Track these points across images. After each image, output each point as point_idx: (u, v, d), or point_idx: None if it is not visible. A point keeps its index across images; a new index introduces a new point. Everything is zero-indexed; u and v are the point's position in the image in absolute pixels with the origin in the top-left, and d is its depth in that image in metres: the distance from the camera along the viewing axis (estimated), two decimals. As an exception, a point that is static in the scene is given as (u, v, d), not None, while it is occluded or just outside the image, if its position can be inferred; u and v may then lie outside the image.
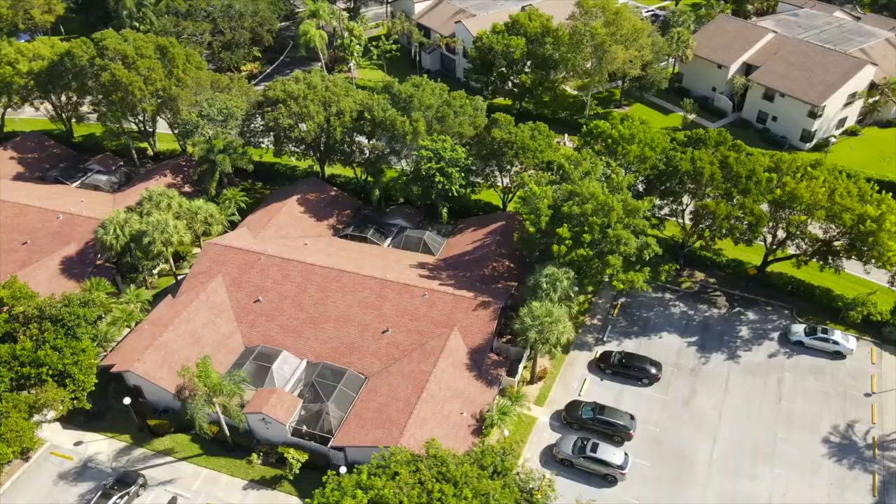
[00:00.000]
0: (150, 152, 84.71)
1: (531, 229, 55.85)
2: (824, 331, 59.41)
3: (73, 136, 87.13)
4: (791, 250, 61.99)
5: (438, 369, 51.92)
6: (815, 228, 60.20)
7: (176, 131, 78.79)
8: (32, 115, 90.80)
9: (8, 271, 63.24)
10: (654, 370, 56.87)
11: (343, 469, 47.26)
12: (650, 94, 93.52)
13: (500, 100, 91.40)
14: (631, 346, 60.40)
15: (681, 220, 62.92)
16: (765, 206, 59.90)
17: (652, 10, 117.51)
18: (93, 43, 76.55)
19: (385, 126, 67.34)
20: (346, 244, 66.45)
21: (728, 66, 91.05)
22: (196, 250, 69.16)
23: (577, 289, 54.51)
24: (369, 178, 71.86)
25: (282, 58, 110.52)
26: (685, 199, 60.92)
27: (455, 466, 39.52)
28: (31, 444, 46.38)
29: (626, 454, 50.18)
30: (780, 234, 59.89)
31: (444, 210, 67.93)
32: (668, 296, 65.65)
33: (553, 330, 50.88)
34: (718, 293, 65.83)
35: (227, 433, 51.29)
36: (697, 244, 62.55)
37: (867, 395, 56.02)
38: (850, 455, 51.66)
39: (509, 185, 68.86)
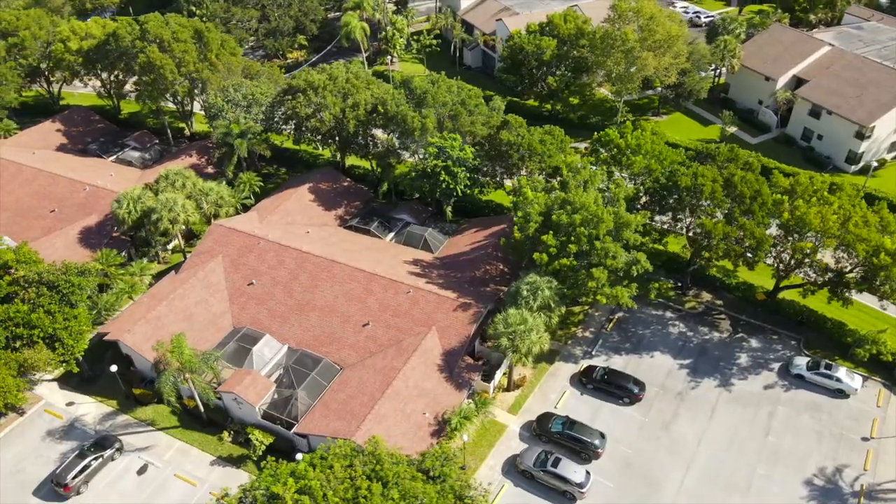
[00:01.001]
0: (187, 132, 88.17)
1: (517, 234, 55.03)
2: (828, 366, 55.99)
3: (119, 112, 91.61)
4: (801, 278, 58.58)
5: (408, 367, 52.03)
6: (827, 257, 56.75)
7: (203, 114, 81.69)
8: (91, 91, 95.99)
9: (34, 236, 67.53)
10: (636, 389, 55.09)
11: (299, 456, 48.16)
12: (689, 103, 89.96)
13: (531, 101, 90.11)
14: (619, 362, 58.70)
15: (689, 236, 60.54)
16: (774, 230, 56.98)
17: (709, 15, 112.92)
18: (137, 25, 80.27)
19: (396, 120, 67.69)
20: (348, 235, 67.32)
21: (776, 79, 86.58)
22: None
23: (558, 299, 53.33)
24: (379, 171, 72.46)
25: (329, 48, 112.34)
26: (686, 215, 58.44)
27: (390, 466, 39.58)
28: (17, 401, 49.47)
29: (587, 473, 48.92)
30: (788, 259, 56.65)
31: (449, 209, 67.74)
32: (668, 314, 63.33)
33: (525, 339, 50.08)
34: (723, 316, 63.01)
35: (202, 409, 53.11)
36: (701, 262, 59.99)
37: (865, 439, 52.49)
38: (832, 501, 48.62)
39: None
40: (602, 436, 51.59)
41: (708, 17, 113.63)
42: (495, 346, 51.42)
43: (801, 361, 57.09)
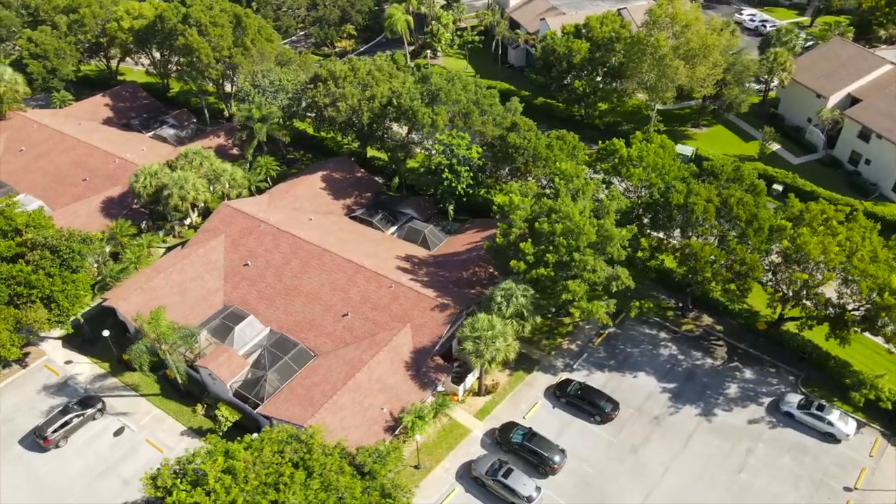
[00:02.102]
0: (226, 113, 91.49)
1: (499, 240, 54.29)
2: (820, 407, 52.52)
3: (167, 90, 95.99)
4: (798, 310, 55.04)
5: (374, 361, 52.42)
6: (832, 291, 53.07)
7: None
8: (143, 69, 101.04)
9: (64, 202, 72.09)
10: (608, 408, 53.44)
11: (254, 435, 49.43)
12: (730, 116, 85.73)
13: (560, 105, 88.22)
14: (600, 379, 57.04)
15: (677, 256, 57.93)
16: (774, 258, 53.82)
17: (774, 25, 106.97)
18: (183, 8, 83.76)
19: (408, 115, 67.93)
20: (351, 226, 68.25)
21: (827, 97, 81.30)
22: (225, 209, 74.23)
23: (533, 308, 52.32)
24: (393, 165, 72.99)
25: (378, 38, 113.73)
26: (675, 234, 55.94)
27: (319, 456, 40.13)
28: (9, 354, 53.02)
29: (538, 488, 47.94)
30: (786, 290, 53.38)
31: (451, 207, 67.52)
32: (662, 335, 60.95)
33: (490, 345, 49.46)
34: (721, 343, 60.10)
35: (179, 380, 55.37)
36: (694, 284, 57.34)
37: (847, 489, 48.99)
38: (795, 550, 45.81)
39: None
40: (562, 452, 50.38)
41: (774, 26, 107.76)
42: (460, 349, 51.03)
43: (794, 399, 53.82)
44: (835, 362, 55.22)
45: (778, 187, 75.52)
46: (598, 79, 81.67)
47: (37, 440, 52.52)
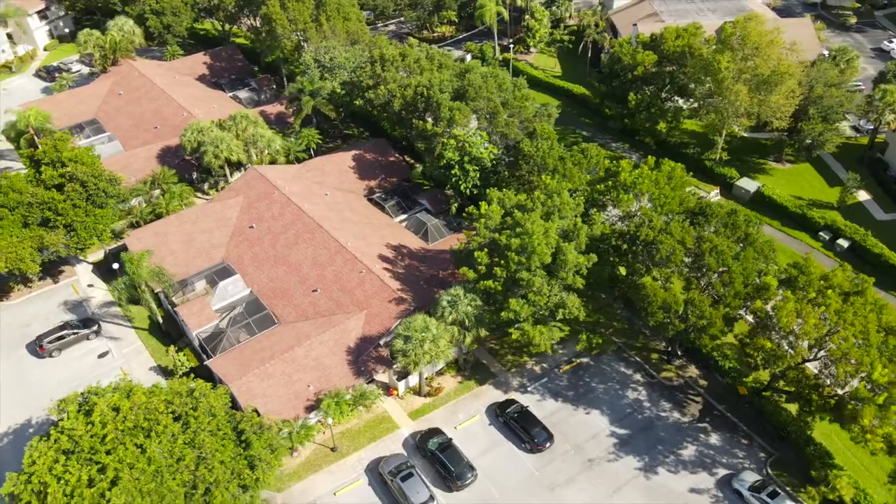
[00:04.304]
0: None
1: (460, 246, 53.05)
2: (773, 494, 46.33)
3: (265, 56, 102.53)
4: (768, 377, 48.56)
5: (317, 340, 53.74)
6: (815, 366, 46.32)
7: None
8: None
9: (135, 144, 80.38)
10: (540, 438, 50.80)
11: (164, 383, 52.20)
12: (822, 154, 75.98)
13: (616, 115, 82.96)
14: (550, 407, 54.23)
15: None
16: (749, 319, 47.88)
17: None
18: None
19: (432, 107, 67.73)
20: (362, 207, 69.64)
21: (937, 149, 69.80)
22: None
23: (475, 320, 50.77)
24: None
25: (480, 28, 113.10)
26: (635, 269, 51.01)
27: (201, 413, 42.30)
28: (29, 269, 60.46)
29: (432, 498, 46.94)
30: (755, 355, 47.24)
31: (455, 204, 66.66)
32: (636, 377, 56.49)
33: (417, 347, 48.87)
34: (697, 399, 54.62)
35: (158, 318, 60.42)
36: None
37: (771, 591, 43.09)
38: None
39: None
40: (472, 470, 48.87)
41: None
42: (390, 346, 50.87)
43: (749, 478, 47.89)
44: (814, 449, 48.22)
45: (843, 243, 66.52)
46: (663, 94, 75.83)
47: (36, 346, 59.87)
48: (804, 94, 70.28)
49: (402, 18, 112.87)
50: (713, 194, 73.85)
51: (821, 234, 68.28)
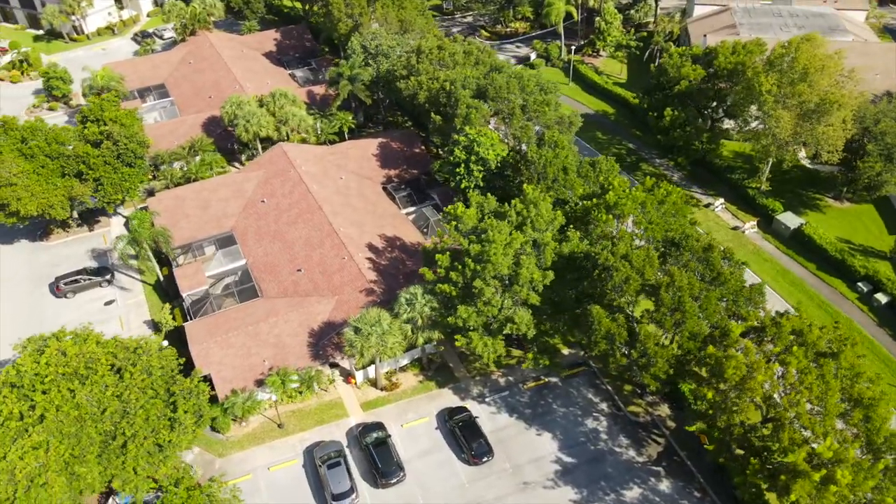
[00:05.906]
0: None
1: (429, 245, 52.30)
2: (703, 556, 42.68)
3: (330, 36, 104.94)
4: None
5: (283, 318, 55.04)
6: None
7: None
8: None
9: (191, 111, 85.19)
10: (477, 452, 49.49)
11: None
12: (877, 194, 68.21)
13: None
14: (502, 422, 52.65)
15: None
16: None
17: None
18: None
19: (451, 102, 66.91)
20: (373, 195, 70.10)
21: None
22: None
23: (430, 322, 50.06)
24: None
25: (551, 27, 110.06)
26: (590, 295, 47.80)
27: (139, 372, 44.64)
28: (57, 214, 65.89)
29: (352, 489, 47.04)
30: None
31: (458, 202, 65.45)
32: (602, 405, 53.60)
33: (364, 339, 48.91)
34: (660, 440, 51.09)
35: (160, 275, 64.13)
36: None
37: None
38: None
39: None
40: (400, 469, 48.47)
41: None
42: (342, 336, 51.14)
43: (685, 534, 44.38)
44: (768, 516, 43.86)
45: (881, 297, 59.66)
46: (710, 113, 70.62)
47: (54, 286, 65.32)
48: (866, 126, 63.12)
49: (476, 11, 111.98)
50: (748, 226, 68.27)
51: (859, 284, 61.51)
